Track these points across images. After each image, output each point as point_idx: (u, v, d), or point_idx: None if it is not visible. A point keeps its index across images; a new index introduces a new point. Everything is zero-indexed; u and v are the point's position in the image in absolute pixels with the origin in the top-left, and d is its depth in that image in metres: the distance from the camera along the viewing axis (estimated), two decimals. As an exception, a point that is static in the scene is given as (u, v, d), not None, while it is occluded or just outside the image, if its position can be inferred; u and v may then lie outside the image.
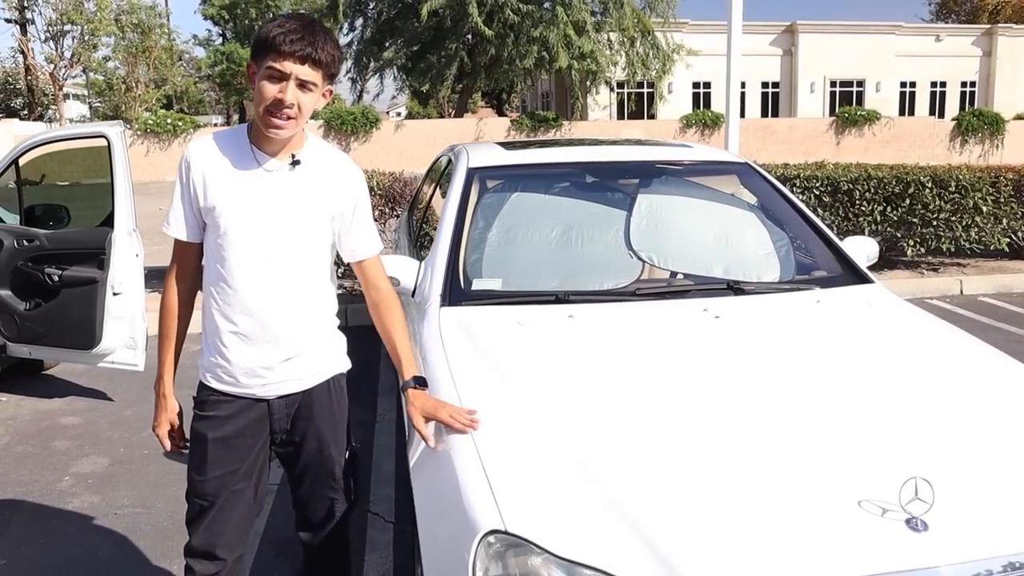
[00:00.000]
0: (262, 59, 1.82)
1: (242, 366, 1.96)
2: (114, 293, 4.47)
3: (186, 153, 1.94)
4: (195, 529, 2.06)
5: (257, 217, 1.90)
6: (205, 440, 2.00)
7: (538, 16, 25.02)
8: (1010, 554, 1.53)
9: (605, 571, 1.48)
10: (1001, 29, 34.32)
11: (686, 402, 1.97)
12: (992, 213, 7.55)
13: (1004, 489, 1.68)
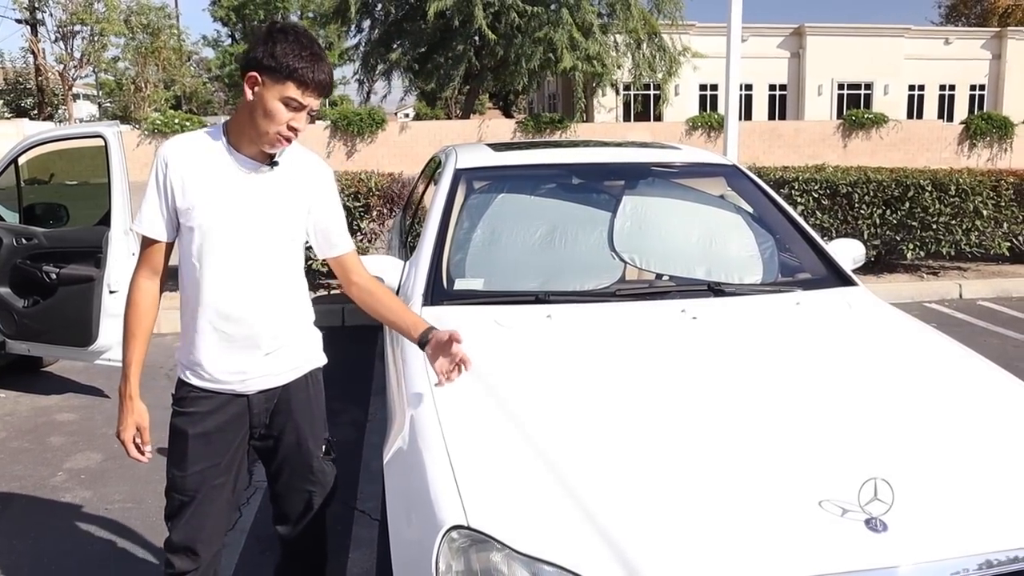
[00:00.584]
0: (278, 82, 1.84)
1: (222, 363, 2.00)
2: (110, 291, 4.52)
3: (162, 152, 1.95)
4: (175, 524, 2.09)
5: (238, 217, 1.94)
6: (186, 436, 2.03)
7: (544, 17, 25.05)
8: (967, 555, 1.54)
9: (566, 568, 1.50)
10: (1011, 32, 34.16)
11: (656, 403, 1.99)
12: (993, 217, 7.54)
13: (962, 490, 1.69)
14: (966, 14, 44.15)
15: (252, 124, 1.89)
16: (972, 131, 26.13)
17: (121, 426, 2.04)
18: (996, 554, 1.56)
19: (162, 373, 5.30)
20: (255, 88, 1.87)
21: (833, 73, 32.80)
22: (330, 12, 27.35)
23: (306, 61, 1.83)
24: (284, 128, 1.87)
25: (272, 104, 1.85)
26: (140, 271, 2.02)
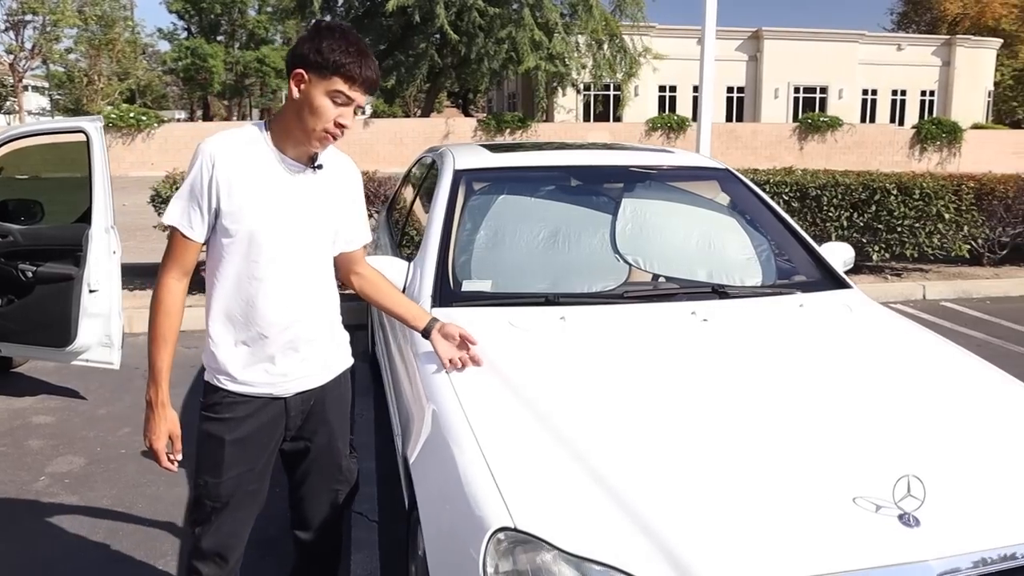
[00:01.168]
0: (327, 78, 1.84)
1: (262, 366, 1.99)
2: (90, 290, 4.42)
3: (208, 150, 1.90)
4: (206, 531, 2.06)
5: (285, 220, 1.94)
6: (222, 442, 2.00)
7: (507, 17, 25.10)
8: (993, 547, 1.61)
9: (615, 567, 1.52)
10: (960, 40, 35.14)
11: (684, 403, 2.02)
12: (954, 220, 7.76)
13: (985, 485, 1.77)
14: (917, 21, 45.27)
15: (299, 122, 1.88)
16: (923, 135, 26.82)
17: (153, 435, 1.97)
18: (1019, 546, 1.63)
19: (138, 374, 5.22)
20: (301, 86, 1.86)
21: (789, 76, 33.40)
22: (291, 6, 27.03)
23: (352, 56, 1.83)
24: (331, 124, 1.86)
25: (319, 100, 1.84)
26: (170, 271, 1.95)
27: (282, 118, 1.94)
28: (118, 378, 5.04)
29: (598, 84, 29.03)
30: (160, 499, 3.52)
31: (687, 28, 32.34)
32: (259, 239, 1.91)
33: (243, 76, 43.57)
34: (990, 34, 38.19)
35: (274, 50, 42.68)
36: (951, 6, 42.21)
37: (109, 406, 4.67)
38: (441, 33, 25.29)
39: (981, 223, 8.01)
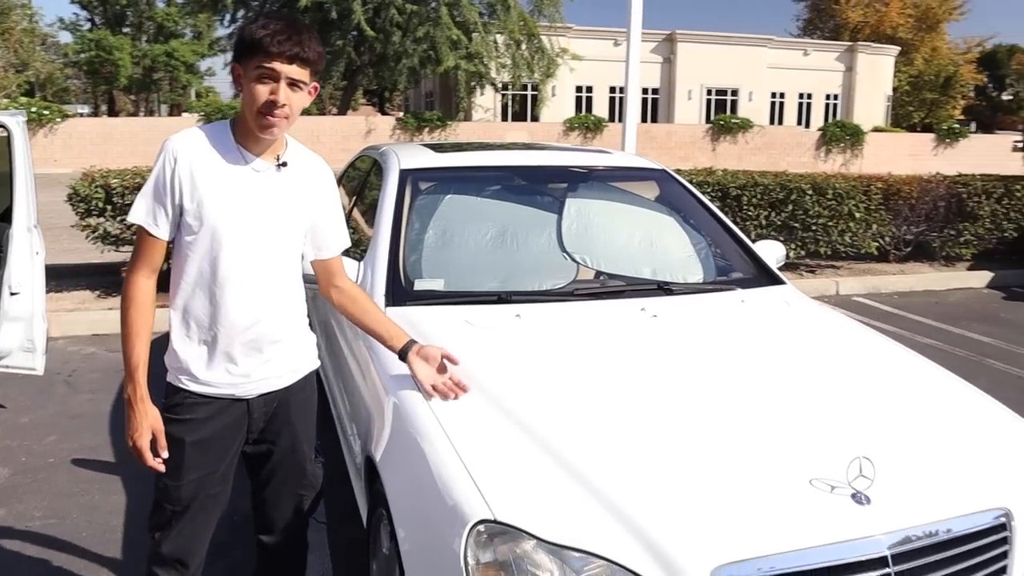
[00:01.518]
0: (250, 60, 1.84)
1: (224, 367, 1.97)
2: (11, 293, 4.24)
3: (170, 146, 1.89)
4: (166, 536, 2.03)
5: (248, 217, 1.92)
6: (182, 444, 1.97)
7: (424, 15, 25.00)
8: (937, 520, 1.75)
9: (593, 552, 1.59)
10: (861, 47, 36.77)
11: (644, 394, 2.10)
12: (864, 219, 8.16)
13: (926, 465, 1.91)
14: (821, 28, 47.14)
15: (248, 114, 1.88)
16: (828, 137, 27.96)
17: (136, 432, 1.92)
18: (957, 519, 1.77)
19: (60, 379, 5.03)
20: (239, 78, 1.87)
21: (702, 79, 34.30)
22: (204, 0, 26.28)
23: (270, 30, 1.81)
24: (264, 105, 1.83)
25: (250, 84, 1.84)
26: (138, 270, 1.94)
27: (240, 114, 1.93)
28: (39, 385, 4.85)
29: (516, 84, 29.18)
30: (96, 508, 3.41)
31: (603, 29, 32.89)
32: (220, 236, 1.89)
33: (151, 70, 42.00)
34: (888, 42, 40.09)
35: (184, 44, 41.34)
36: (852, 14, 44.13)
37: (31, 414, 4.49)
38: (358, 30, 24.99)
39: (888, 222, 8.44)
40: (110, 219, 6.45)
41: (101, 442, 4.11)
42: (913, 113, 43.37)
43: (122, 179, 6.41)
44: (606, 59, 31.95)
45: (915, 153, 28.21)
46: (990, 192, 8.85)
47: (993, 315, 7.34)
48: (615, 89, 33.66)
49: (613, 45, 32.75)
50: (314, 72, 1.90)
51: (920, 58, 43.35)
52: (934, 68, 42.74)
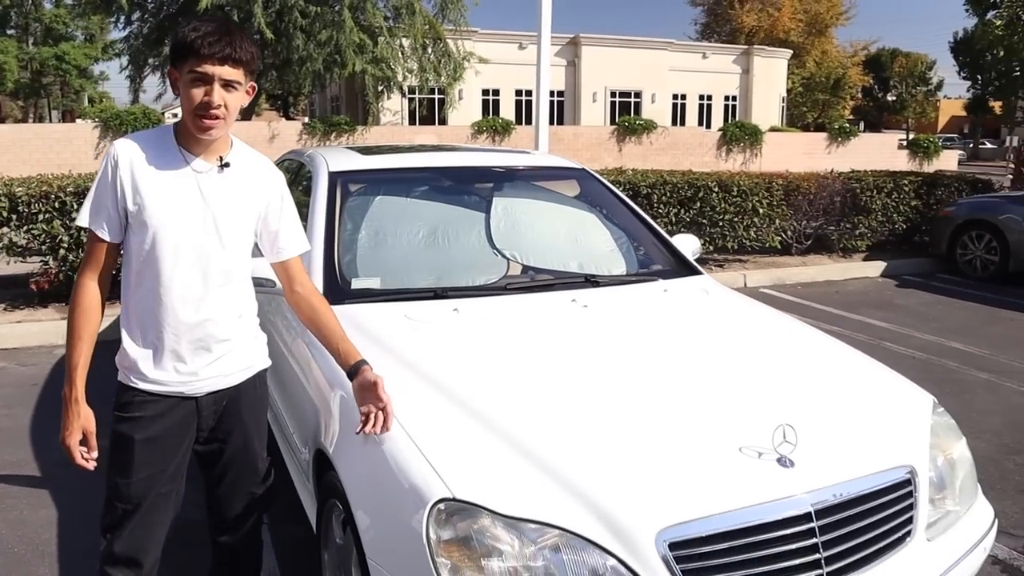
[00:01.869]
0: (183, 64, 1.87)
1: (171, 365, 1.99)
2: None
3: (112, 151, 1.92)
4: (118, 535, 2.04)
5: (189, 217, 1.94)
6: (131, 441, 1.99)
7: (328, 18, 24.70)
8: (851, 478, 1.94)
9: (547, 522, 1.70)
10: (756, 50, 38.19)
11: (584, 377, 2.23)
12: (767, 215, 8.57)
13: (840, 430, 2.11)
14: (718, 32, 48.72)
15: (185, 117, 1.91)
16: (728, 137, 28.91)
17: (66, 431, 1.95)
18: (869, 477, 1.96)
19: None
20: (176, 83, 1.90)
21: (606, 81, 34.98)
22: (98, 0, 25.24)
23: (199, 32, 1.84)
24: (199, 106, 1.86)
25: (184, 87, 1.87)
26: (85, 271, 1.97)
27: (182, 118, 1.96)
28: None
29: (424, 88, 29.14)
30: (26, 523, 3.32)
31: (508, 33, 33.19)
32: (163, 237, 1.92)
33: (40, 74, 40.10)
34: (781, 45, 41.77)
35: (75, 47, 39.61)
36: (747, 19, 45.81)
37: (-60, 432, 4.32)
38: (260, 34, 24.51)
39: (789, 217, 8.89)
40: (15, 229, 6.21)
41: (24, 457, 3.99)
42: (807, 113, 45.38)
43: (28, 188, 6.19)
44: (512, 62, 32.27)
45: (810, 151, 29.48)
46: (881, 187, 9.43)
47: (888, 302, 7.83)
48: (521, 92, 34.04)
49: (518, 48, 33.11)
50: (248, 72, 1.93)
51: (811, 61, 45.38)
52: (824, 70, 44.81)
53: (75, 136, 23.61)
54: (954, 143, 45.89)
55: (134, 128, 23.52)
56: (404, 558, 1.76)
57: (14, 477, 3.77)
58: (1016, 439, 4.34)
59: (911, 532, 2.01)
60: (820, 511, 1.85)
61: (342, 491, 2.03)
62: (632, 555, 1.68)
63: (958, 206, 9.35)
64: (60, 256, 6.30)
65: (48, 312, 6.42)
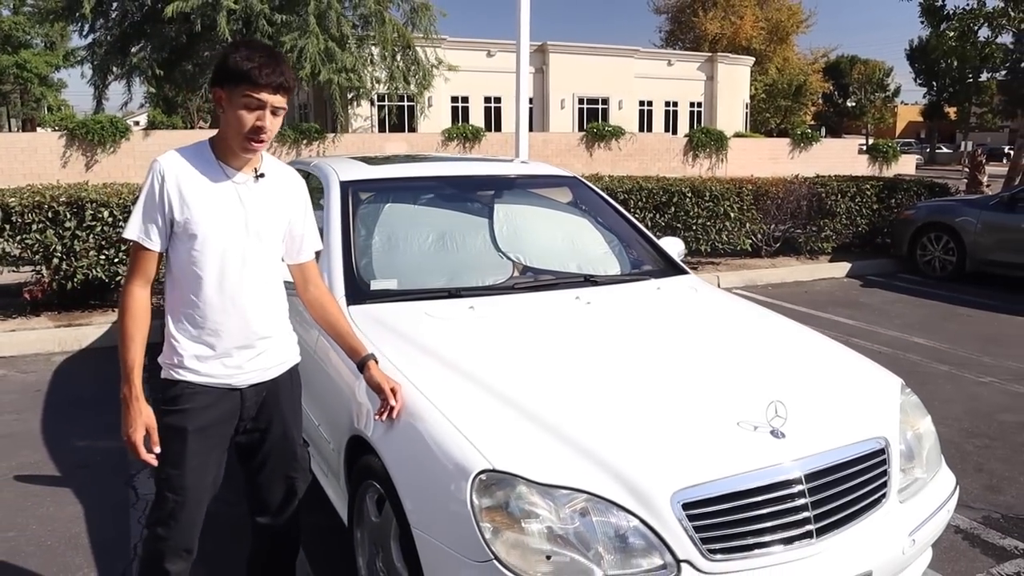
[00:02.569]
0: (235, 88, 2.05)
1: (221, 360, 2.18)
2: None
3: (158, 167, 2.09)
4: (173, 527, 2.19)
5: (233, 225, 2.14)
6: (184, 432, 2.16)
7: (295, 26, 24.75)
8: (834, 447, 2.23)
9: (575, 488, 1.95)
10: (720, 57, 38.92)
11: (595, 362, 2.50)
12: (738, 218, 8.93)
13: (823, 406, 2.40)
14: (682, 39, 49.50)
15: (230, 135, 2.10)
16: (695, 143, 29.48)
17: (131, 428, 2.09)
18: (850, 447, 2.26)
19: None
20: (222, 102, 2.08)
21: (574, 88, 35.42)
22: (59, 8, 25.03)
23: (255, 62, 2.02)
24: (250, 130, 2.05)
25: (235, 111, 2.05)
26: (134, 280, 2.13)
27: (220, 134, 2.14)
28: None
29: (394, 95, 29.30)
30: (54, 518, 3.48)
31: (477, 41, 33.48)
32: (211, 243, 2.11)
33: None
34: (744, 52, 42.63)
35: (36, 55, 39.13)
36: (711, 26, 46.62)
37: (-46, 436, 4.45)
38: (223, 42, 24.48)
39: (759, 220, 9.25)
40: (9, 239, 6.32)
41: (41, 458, 4.14)
42: (769, 119, 46.30)
43: (20, 198, 6.30)
44: (480, 69, 32.58)
45: (774, 156, 30.16)
46: (845, 191, 9.84)
47: (853, 300, 8.21)
48: (490, 99, 34.35)
49: (487, 56, 33.42)
50: (290, 97, 2.16)
51: (773, 68, 46.33)
52: (786, 77, 45.75)
53: (40, 145, 23.41)
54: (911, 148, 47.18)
55: (101, 137, 23.41)
56: (449, 525, 2.00)
57: (36, 477, 3.93)
58: (974, 424, 4.69)
59: (886, 495, 2.30)
60: (808, 475, 2.12)
61: (383, 471, 2.26)
62: (651, 515, 1.94)
63: (917, 209, 9.79)
64: (53, 265, 6.41)
65: (41, 320, 6.53)
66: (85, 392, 5.20)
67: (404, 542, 2.18)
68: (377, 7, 25.83)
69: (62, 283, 6.50)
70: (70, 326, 6.39)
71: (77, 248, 6.41)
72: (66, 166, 22.91)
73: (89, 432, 4.45)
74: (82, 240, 6.41)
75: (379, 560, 2.46)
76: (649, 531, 1.94)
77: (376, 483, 2.38)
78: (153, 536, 2.23)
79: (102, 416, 4.65)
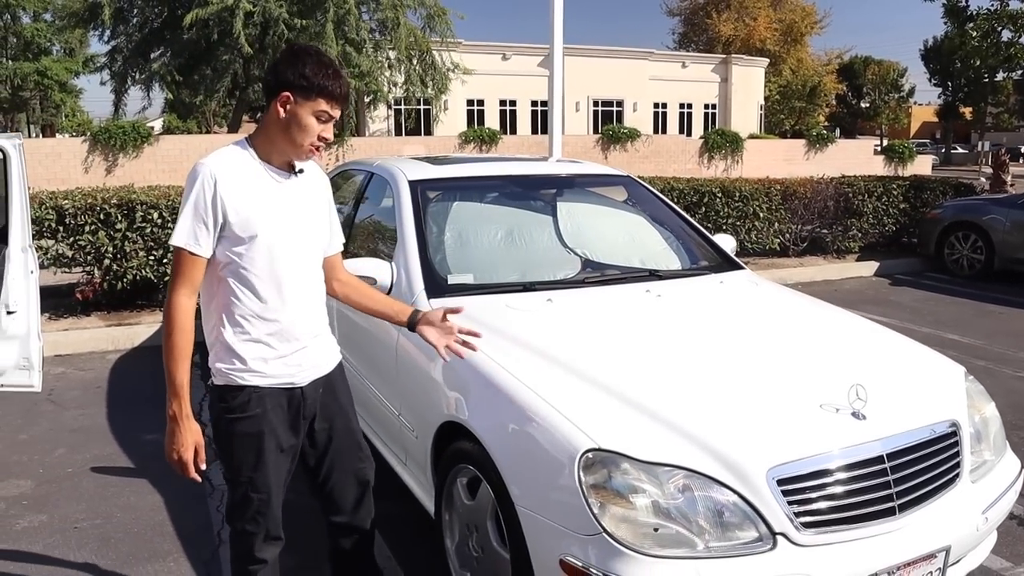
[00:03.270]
0: (309, 98, 2.08)
1: (281, 359, 2.19)
2: (8, 311, 4.37)
3: (206, 170, 2.07)
4: (260, 521, 2.25)
5: (285, 223, 2.16)
6: (260, 437, 2.18)
7: (313, 31, 24.97)
8: (912, 428, 2.35)
9: (676, 464, 2.08)
10: (734, 59, 38.99)
11: (677, 349, 2.64)
12: (767, 218, 9.03)
13: (898, 389, 2.53)
14: (695, 41, 49.60)
15: (286, 139, 2.12)
16: (710, 145, 29.54)
17: (181, 447, 2.09)
18: (926, 428, 2.39)
19: (41, 399, 5.11)
20: (287, 106, 2.09)
21: (588, 91, 35.51)
22: (82, 13, 25.35)
23: (332, 79, 2.08)
24: (316, 139, 2.11)
25: (307, 119, 2.09)
26: (181, 289, 2.08)
27: (265, 134, 2.15)
28: (22, 405, 4.97)
29: (410, 99, 29.50)
30: (136, 507, 3.63)
31: (492, 44, 33.65)
32: (263, 243, 2.11)
33: (19, 89, 39.94)
34: (758, 54, 42.68)
35: (56, 61, 39.52)
36: (724, 28, 46.67)
37: (27, 431, 4.61)
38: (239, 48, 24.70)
39: (787, 220, 9.35)
40: (62, 240, 6.49)
41: (113, 451, 4.30)
42: (784, 120, 46.30)
43: (73, 200, 6.48)
44: (495, 73, 32.73)
45: (789, 158, 30.17)
46: (871, 191, 9.93)
47: (884, 299, 8.30)
48: (505, 102, 34.50)
49: (502, 59, 33.58)
50: None
51: (787, 69, 46.32)
52: (800, 78, 45.76)
53: (63, 150, 23.67)
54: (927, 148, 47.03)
55: (123, 142, 23.68)
56: (556, 503, 2.13)
57: (112, 469, 4.08)
58: (1017, 416, 4.79)
59: (959, 475, 2.42)
60: (890, 455, 2.24)
61: (479, 454, 2.39)
62: (749, 490, 2.07)
63: (944, 208, 9.86)
64: (104, 266, 6.59)
65: (92, 320, 6.70)
66: (144, 388, 5.36)
67: (504, 521, 2.31)
68: (394, 13, 26.03)
69: (112, 283, 6.68)
70: (120, 325, 6.56)
71: (127, 249, 6.58)
72: (88, 171, 23.18)
73: (154, 427, 4.59)
74: (132, 241, 6.59)
75: (472, 541, 2.58)
76: (747, 505, 2.06)
77: (470, 466, 2.50)
78: (243, 532, 2.27)
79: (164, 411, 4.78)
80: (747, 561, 2.04)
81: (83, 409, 4.96)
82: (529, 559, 2.20)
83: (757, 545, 2.06)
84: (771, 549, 2.06)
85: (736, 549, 2.05)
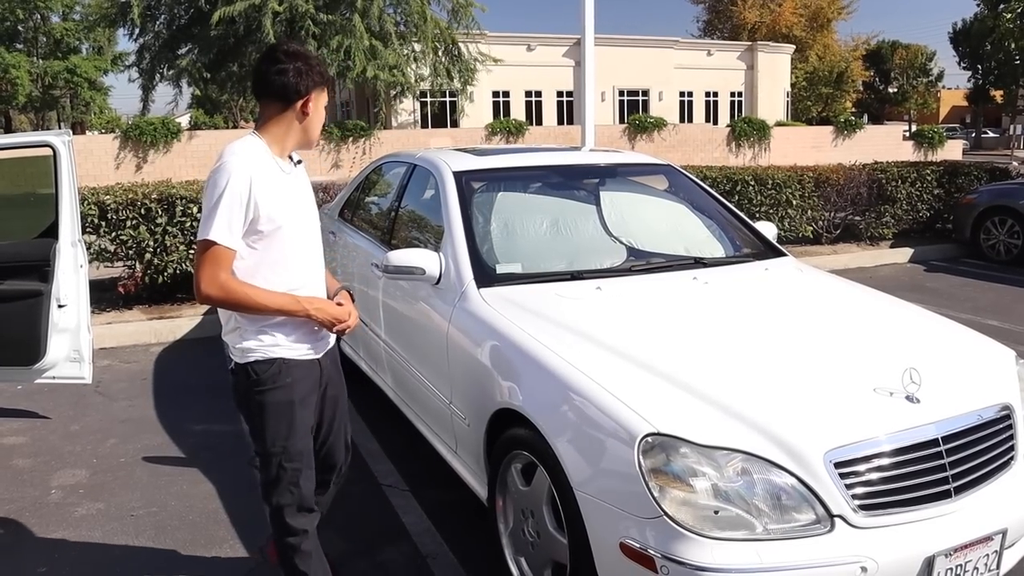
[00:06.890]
0: (322, 92, 2.35)
1: (305, 333, 2.39)
2: (59, 305, 4.47)
3: (239, 166, 2.20)
4: (295, 491, 2.38)
5: (297, 211, 2.37)
6: (291, 406, 2.35)
7: (340, 25, 25.09)
8: (965, 412, 2.36)
9: (734, 448, 2.11)
10: (760, 46, 38.63)
11: (727, 335, 2.66)
12: (800, 206, 8.98)
13: (951, 372, 2.54)
14: (720, 28, 49.21)
15: (304, 133, 2.36)
16: (737, 133, 29.38)
17: (329, 308, 2.38)
18: (981, 410, 2.38)
19: (90, 391, 5.21)
20: (310, 104, 2.32)
21: (614, 81, 35.36)
22: (113, 12, 25.67)
23: (325, 69, 2.35)
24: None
25: (321, 111, 2.37)
26: (222, 272, 2.21)
27: (279, 129, 2.33)
28: (72, 396, 5.09)
29: (436, 91, 29.57)
30: (189, 495, 3.71)
31: (517, 35, 33.61)
32: (287, 231, 2.31)
33: (50, 87, 40.50)
34: (784, 40, 42.26)
35: (85, 59, 40.02)
36: (749, 15, 46.25)
37: (78, 422, 4.72)
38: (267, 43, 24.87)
39: (820, 207, 9.29)
40: (104, 235, 6.62)
41: (164, 441, 4.40)
42: (811, 107, 45.83)
43: (115, 196, 6.60)
44: (520, 64, 32.69)
45: (817, 145, 29.92)
46: (905, 177, 9.83)
47: (920, 285, 8.24)
48: (530, 93, 34.46)
49: (526, 50, 33.52)
50: None
51: (814, 55, 45.84)
52: (827, 64, 45.26)
53: (95, 148, 24.01)
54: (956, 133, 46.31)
55: (154, 139, 24.00)
56: (615, 487, 2.17)
57: (164, 458, 4.17)
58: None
59: (1014, 457, 2.43)
60: (945, 438, 2.26)
61: (535, 440, 2.43)
62: (807, 473, 2.09)
63: (980, 193, 9.74)
64: (146, 260, 6.71)
65: (134, 313, 6.82)
66: (189, 380, 5.46)
67: (561, 506, 2.35)
68: (420, 5, 26.08)
69: (153, 277, 6.80)
70: (162, 318, 6.68)
71: (167, 243, 6.70)
72: (119, 167, 23.51)
73: (202, 417, 4.69)
74: (172, 235, 6.71)
75: (527, 526, 2.63)
76: (805, 488, 2.09)
77: (526, 452, 2.55)
78: (281, 506, 2.39)
79: (211, 402, 4.89)
80: (805, 543, 2.07)
81: (131, 400, 5.07)
82: (588, 543, 2.25)
83: (815, 527, 2.08)
84: (829, 531, 2.08)
85: (794, 531, 2.08)
